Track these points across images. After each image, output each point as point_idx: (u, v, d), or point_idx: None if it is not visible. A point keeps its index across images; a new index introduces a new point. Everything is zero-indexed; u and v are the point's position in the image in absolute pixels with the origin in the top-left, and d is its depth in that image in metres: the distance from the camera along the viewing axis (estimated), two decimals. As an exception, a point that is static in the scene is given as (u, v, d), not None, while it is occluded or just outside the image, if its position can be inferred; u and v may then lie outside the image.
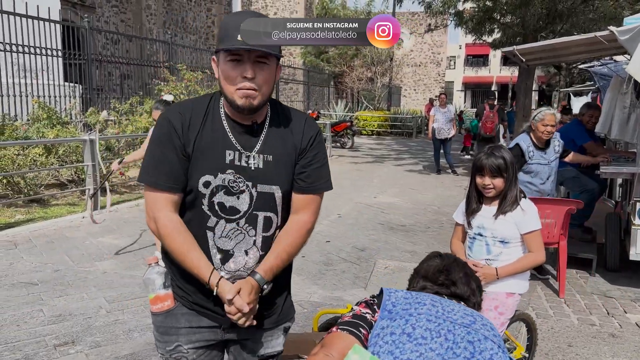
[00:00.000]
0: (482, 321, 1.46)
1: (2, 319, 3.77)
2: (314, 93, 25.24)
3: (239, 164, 1.67)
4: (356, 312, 1.50)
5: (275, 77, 1.68)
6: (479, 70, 50.06)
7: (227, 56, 1.60)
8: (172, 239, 1.64)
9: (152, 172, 1.65)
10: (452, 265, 1.71)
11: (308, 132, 1.75)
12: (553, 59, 7.72)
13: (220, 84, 1.65)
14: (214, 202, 1.66)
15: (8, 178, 6.97)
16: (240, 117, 1.68)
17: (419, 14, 38.82)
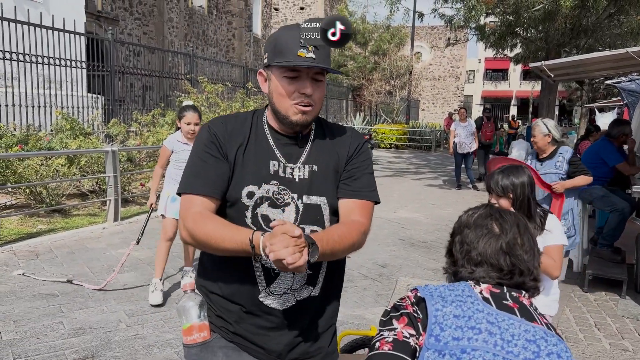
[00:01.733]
0: (548, 348, 1.17)
1: (23, 331, 3.74)
2: (332, 106, 25.26)
3: (284, 176, 1.60)
4: (397, 335, 1.20)
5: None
6: (499, 84, 49.78)
7: (284, 72, 1.55)
8: (204, 224, 1.50)
9: (189, 180, 1.59)
10: (515, 235, 1.32)
11: (354, 141, 1.71)
12: (580, 74, 7.60)
13: (273, 99, 1.59)
14: (257, 214, 1.58)
15: (31, 188, 7.01)
16: (285, 129, 1.63)
17: (439, 27, 38.84)
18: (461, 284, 1.29)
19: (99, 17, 17.87)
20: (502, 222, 1.34)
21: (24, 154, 6.71)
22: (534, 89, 33.43)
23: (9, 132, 7.65)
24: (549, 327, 1.25)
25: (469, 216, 1.41)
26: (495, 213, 1.37)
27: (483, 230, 1.34)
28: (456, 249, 1.37)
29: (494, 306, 1.22)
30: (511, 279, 1.29)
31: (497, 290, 1.28)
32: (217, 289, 1.66)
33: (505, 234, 1.32)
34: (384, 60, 25.78)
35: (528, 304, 1.28)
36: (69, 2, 11.79)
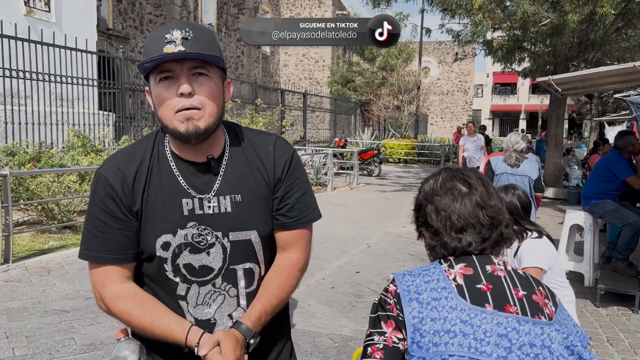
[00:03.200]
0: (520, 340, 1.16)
1: (35, 347, 3.77)
2: (340, 121, 25.36)
3: (202, 213, 1.37)
4: (387, 341, 1.20)
5: (223, 93, 1.40)
6: (507, 98, 49.80)
7: (156, 77, 1.32)
8: (129, 312, 1.32)
9: (92, 244, 1.37)
10: (482, 188, 1.31)
11: (280, 157, 1.45)
12: (588, 88, 7.61)
13: (158, 114, 1.34)
14: (179, 265, 1.37)
15: (43, 205, 7.09)
16: (191, 153, 1.39)
17: (446, 42, 39.02)
18: (436, 270, 1.26)
19: (110, 36, 18.16)
20: (467, 179, 1.32)
21: (36, 171, 6.80)
22: (542, 102, 33.39)
23: (21, 149, 7.77)
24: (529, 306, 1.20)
25: (433, 183, 1.35)
26: (457, 173, 1.35)
27: (454, 192, 1.30)
28: (432, 219, 1.31)
29: (467, 299, 1.19)
30: (492, 234, 1.27)
31: (470, 271, 1.24)
32: (152, 345, 1.43)
33: (475, 189, 1.30)
34: (392, 75, 25.91)
35: (504, 274, 1.24)
36: (81, 22, 12.01)
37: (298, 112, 20.79)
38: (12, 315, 4.34)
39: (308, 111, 21.85)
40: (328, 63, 30.31)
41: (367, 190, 13.36)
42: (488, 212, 1.28)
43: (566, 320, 1.23)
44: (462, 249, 1.27)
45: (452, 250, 1.28)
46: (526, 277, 1.27)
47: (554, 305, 1.23)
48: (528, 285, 1.24)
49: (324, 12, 30.77)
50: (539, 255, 2.60)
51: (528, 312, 1.18)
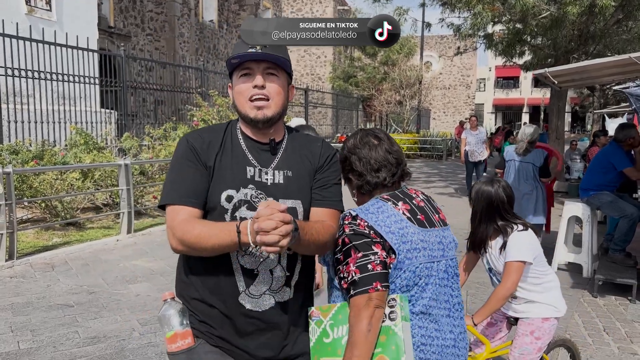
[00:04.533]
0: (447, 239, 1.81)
1: (39, 341, 3.84)
2: (342, 117, 25.38)
3: (260, 180, 1.66)
4: (380, 257, 1.63)
5: (287, 93, 1.72)
6: (510, 92, 49.66)
7: (238, 72, 1.66)
8: (192, 228, 1.54)
9: (172, 192, 1.63)
10: (386, 139, 1.84)
11: (325, 152, 1.78)
12: (586, 80, 7.62)
13: (235, 102, 1.69)
14: (236, 217, 1.62)
15: (46, 202, 7.17)
16: (258, 134, 1.70)
17: (448, 37, 38.94)
18: (387, 208, 1.72)
19: (111, 34, 18.21)
20: (376, 134, 1.85)
21: (38, 169, 6.87)
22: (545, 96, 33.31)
23: (24, 147, 7.84)
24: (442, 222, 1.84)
25: (354, 140, 1.86)
26: (369, 131, 1.87)
27: (369, 144, 1.81)
28: (357, 165, 1.81)
29: (416, 225, 1.72)
30: (397, 170, 1.81)
31: (409, 207, 1.76)
32: (197, 294, 1.68)
33: (383, 141, 1.82)
34: (394, 70, 25.89)
35: (424, 204, 1.81)
36: (82, 20, 12.07)
37: (300, 108, 20.82)
38: (17, 310, 4.42)
39: (310, 107, 21.88)
40: (330, 59, 30.33)
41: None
42: (394, 155, 1.81)
43: None
44: (380, 183, 1.79)
45: (373, 184, 1.80)
46: (429, 200, 1.88)
47: None
48: (433, 207, 1.86)
49: (325, 7, 30.79)
50: (525, 248, 2.65)
51: (442, 225, 1.83)
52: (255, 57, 1.62)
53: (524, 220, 2.77)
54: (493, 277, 2.80)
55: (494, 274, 2.79)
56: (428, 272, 1.70)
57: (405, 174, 1.87)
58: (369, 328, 1.55)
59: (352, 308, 1.59)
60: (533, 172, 5.88)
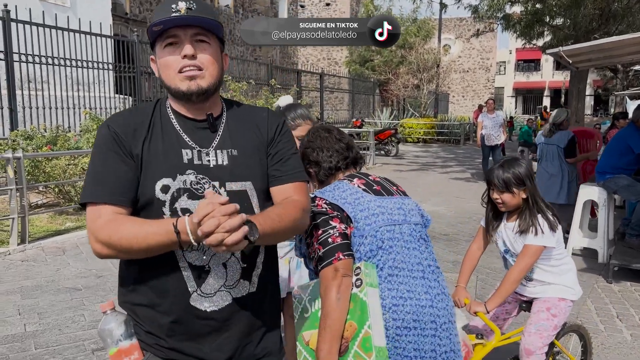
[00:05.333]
0: (408, 207, 1.95)
1: (46, 323, 3.88)
2: (359, 101, 25.19)
3: (200, 163, 1.45)
4: (339, 229, 1.76)
5: (222, 62, 1.51)
6: (531, 75, 48.76)
7: (162, 43, 1.44)
8: (118, 229, 1.32)
9: (92, 188, 1.40)
10: (335, 130, 2.07)
11: (273, 121, 1.59)
12: (605, 60, 7.38)
13: (161, 77, 1.46)
14: (176, 209, 1.41)
15: (60, 187, 7.23)
16: (192, 110, 1.49)
17: (467, 19, 38.24)
18: (343, 185, 1.90)
19: (127, 20, 18.24)
20: (325, 127, 2.10)
21: (48, 154, 6.92)
22: (566, 79, 32.62)
23: (39, 133, 7.90)
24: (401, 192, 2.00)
25: (307, 137, 2.06)
26: (319, 127, 2.11)
27: (320, 136, 2.03)
28: (314, 156, 2.00)
29: (372, 194, 1.88)
30: (349, 155, 2.01)
31: (364, 181, 1.93)
32: (143, 300, 1.45)
33: (332, 131, 2.05)
34: (411, 54, 25.54)
35: (380, 179, 2.00)
36: (95, 6, 12.09)
37: (316, 93, 20.70)
38: (26, 293, 4.46)
39: (326, 92, 21.74)
40: (346, 43, 30.03)
41: (383, 170, 13.29)
42: (343, 142, 2.02)
43: None
44: (334, 166, 1.98)
45: (328, 169, 1.98)
46: (388, 179, 2.05)
47: None
48: (393, 183, 2.03)
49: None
50: (549, 232, 2.54)
51: (402, 195, 1.99)
52: (182, 22, 1.40)
53: (546, 203, 2.67)
54: (509, 258, 2.70)
55: (510, 255, 2.68)
56: (390, 234, 1.81)
57: (359, 158, 2.05)
58: (338, 297, 1.66)
59: (321, 281, 1.70)
60: (558, 153, 6.18)
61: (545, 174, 6.40)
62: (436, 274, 1.88)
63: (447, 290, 1.90)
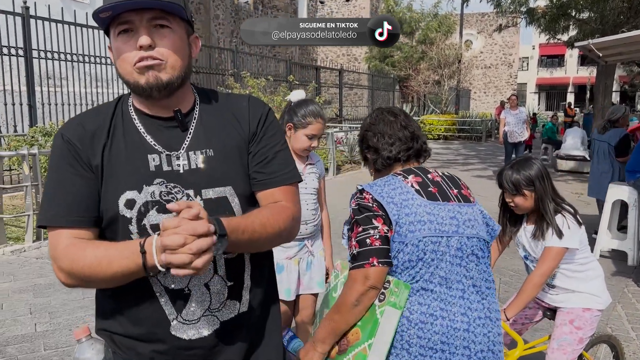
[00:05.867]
0: (463, 217, 1.70)
1: (56, 323, 3.82)
2: (378, 98, 24.96)
3: (170, 169, 1.24)
4: (380, 232, 1.61)
5: (189, 47, 1.28)
6: (554, 71, 47.88)
7: (115, 30, 1.20)
8: (81, 255, 1.15)
9: (48, 208, 1.21)
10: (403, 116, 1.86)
11: (255, 111, 1.34)
12: (635, 54, 7.10)
13: (118, 70, 1.23)
14: (145, 225, 1.22)
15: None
16: (156, 108, 1.27)
17: (489, 14, 37.67)
18: (395, 181, 1.70)
19: (147, 17, 18.33)
20: (392, 110, 1.90)
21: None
22: (591, 74, 31.92)
23: (57, 130, 7.90)
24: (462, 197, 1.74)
25: (370, 118, 1.90)
26: (385, 109, 1.91)
27: (384, 120, 1.84)
28: (374, 142, 1.83)
29: (425, 197, 1.67)
30: (413, 146, 1.81)
31: (420, 179, 1.72)
32: (120, 329, 1.28)
33: (398, 116, 1.85)
34: (432, 49, 25.21)
35: (440, 179, 1.75)
36: (115, 2, 12.09)
37: (335, 89, 20.55)
38: (39, 292, 4.42)
39: (346, 88, 21.56)
40: (366, 39, 29.77)
41: (403, 167, 13.12)
42: (409, 130, 1.82)
43: None
44: (394, 157, 1.80)
45: (387, 158, 1.80)
46: (453, 177, 1.81)
47: (472, 194, 1.82)
48: (456, 184, 1.78)
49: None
50: (571, 233, 2.37)
51: (461, 200, 1.74)
52: (133, 7, 1.16)
53: (569, 203, 2.51)
54: (530, 264, 2.54)
55: (531, 260, 2.53)
56: (435, 247, 1.62)
57: (424, 151, 1.85)
58: (355, 303, 1.58)
59: (348, 279, 1.63)
60: (609, 151, 6.03)
61: (596, 171, 6.25)
62: (482, 294, 1.67)
63: (495, 315, 1.68)
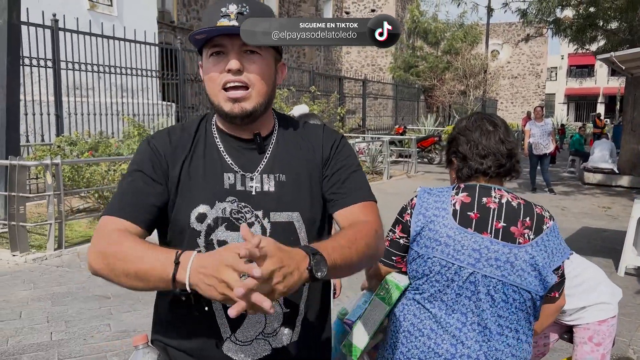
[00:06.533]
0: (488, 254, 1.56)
1: (72, 332, 3.86)
2: (403, 108, 24.84)
3: (243, 189, 1.29)
4: (393, 237, 1.67)
5: (275, 75, 1.34)
6: (584, 81, 46.98)
7: (207, 51, 1.28)
8: (119, 241, 1.15)
9: (113, 202, 1.27)
10: (503, 129, 1.71)
11: (329, 139, 1.39)
12: (664, 66, 6.92)
13: (206, 89, 1.31)
14: (212, 240, 1.26)
15: (98, 192, 7.33)
16: (238, 130, 1.34)
17: (516, 24, 37.26)
18: (445, 194, 1.65)
19: (174, 28, 18.62)
20: (493, 120, 1.73)
21: (89, 160, 7.02)
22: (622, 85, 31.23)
23: (82, 139, 8.07)
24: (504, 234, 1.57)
25: (467, 122, 1.75)
26: (485, 116, 1.75)
27: (482, 129, 1.70)
28: (464, 148, 1.70)
29: (457, 221, 1.59)
30: (507, 163, 1.67)
31: (468, 200, 1.62)
32: (174, 341, 1.32)
33: (499, 128, 1.70)
34: (457, 59, 25.01)
35: (494, 207, 1.60)
36: (142, 15, 12.34)
37: (359, 99, 20.54)
38: (57, 300, 4.48)
39: (370, 98, 21.53)
40: (391, 49, 29.71)
41: (425, 179, 12.99)
42: (507, 146, 1.68)
43: (550, 245, 1.59)
44: (482, 170, 1.67)
45: (474, 170, 1.68)
46: (517, 208, 1.61)
47: (535, 234, 1.59)
48: (513, 217, 1.59)
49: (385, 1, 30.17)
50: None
51: (500, 237, 1.57)
52: (228, 32, 1.23)
53: None
54: None
55: None
56: (443, 270, 1.57)
57: (515, 170, 1.73)
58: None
59: None
60: None
61: None
62: (487, 337, 1.56)
63: None
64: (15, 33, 6.52)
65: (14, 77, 6.57)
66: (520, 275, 1.56)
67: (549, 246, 1.59)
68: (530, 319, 1.63)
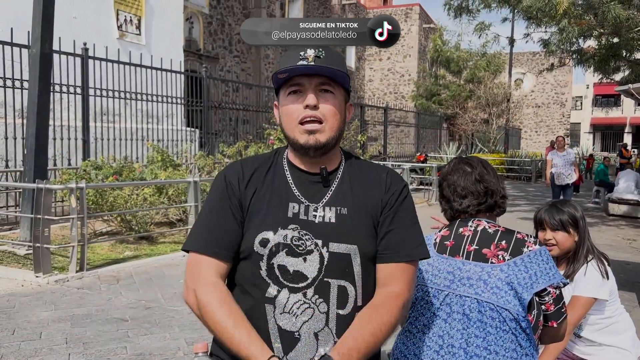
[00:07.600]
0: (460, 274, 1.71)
1: (89, 354, 3.93)
2: (425, 135, 24.86)
3: (306, 219, 1.39)
4: None
5: (344, 113, 1.46)
6: (610, 110, 46.42)
7: (287, 89, 1.41)
8: (213, 309, 1.31)
9: (197, 237, 1.42)
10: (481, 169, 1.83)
11: (394, 184, 1.47)
12: (687, 97, 6.85)
13: (282, 125, 1.44)
14: (273, 264, 1.36)
15: (121, 216, 7.48)
16: (307, 164, 1.45)
17: (540, 53, 37.20)
18: (435, 233, 1.85)
19: (200, 56, 19.10)
20: (469, 161, 1.88)
21: (112, 184, 7.19)
22: (649, 114, 30.77)
23: (107, 164, 8.28)
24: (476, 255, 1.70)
25: (447, 167, 1.91)
26: (463, 159, 1.90)
27: (459, 171, 1.84)
28: (446, 192, 1.86)
29: (435, 249, 1.79)
30: (486, 201, 1.80)
31: (447, 233, 1.82)
32: (229, 357, 1.39)
33: (475, 169, 1.83)
34: (480, 88, 25.04)
35: (469, 234, 1.76)
36: (169, 44, 12.71)
37: (380, 126, 20.65)
38: (76, 322, 4.57)
39: (392, 126, 21.62)
40: (414, 77, 29.95)
41: (446, 207, 12.91)
42: (484, 184, 1.81)
43: (532, 267, 1.64)
44: (462, 209, 1.82)
45: (456, 210, 1.83)
46: (492, 234, 1.74)
47: (512, 255, 1.67)
48: (486, 241, 1.73)
49: (410, 25, 30.51)
50: (599, 283, 2.30)
51: (471, 258, 1.71)
52: (308, 72, 1.37)
53: (599, 250, 2.44)
54: None
55: None
56: (423, 294, 1.73)
57: (497, 206, 1.83)
58: None
59: None
60: None
61: None
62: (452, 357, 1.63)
63: None
64: (47, 61, 6.78)
65: (44, 103, 6.81)
66: (495, 293, 1.62)
67: (530, 268, 1.64)
68: (521, 343, 1.62)
